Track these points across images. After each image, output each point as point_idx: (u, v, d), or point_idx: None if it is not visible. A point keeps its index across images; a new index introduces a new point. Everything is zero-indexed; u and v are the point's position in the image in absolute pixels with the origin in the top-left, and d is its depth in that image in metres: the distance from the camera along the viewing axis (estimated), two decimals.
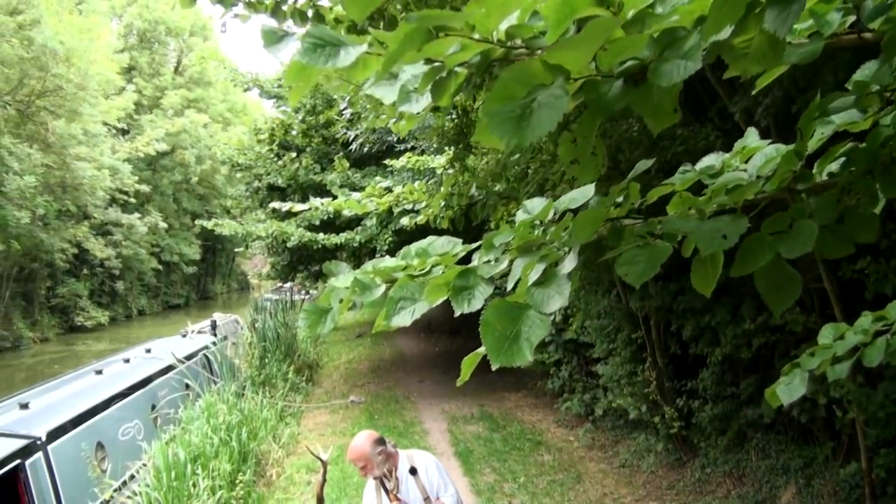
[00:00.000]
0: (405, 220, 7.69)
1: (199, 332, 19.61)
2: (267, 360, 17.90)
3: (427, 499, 5.42)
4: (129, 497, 10.45)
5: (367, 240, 16.37)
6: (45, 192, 39.14)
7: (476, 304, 1.79)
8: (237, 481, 11.05)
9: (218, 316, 21.93)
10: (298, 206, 7.26)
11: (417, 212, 7.64)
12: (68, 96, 38.78)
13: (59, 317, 46.13)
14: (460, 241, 2.10)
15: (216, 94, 68.53)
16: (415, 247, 2.18)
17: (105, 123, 43.55)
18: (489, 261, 1.94)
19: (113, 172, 44.81)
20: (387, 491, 5.37)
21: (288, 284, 34.33)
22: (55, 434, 10.42)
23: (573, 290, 1.68)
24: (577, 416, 13.81)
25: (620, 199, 1.86)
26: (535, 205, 2.05)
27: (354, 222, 17.03)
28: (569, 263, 1.70)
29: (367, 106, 6.64)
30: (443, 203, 7.00)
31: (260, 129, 21.63)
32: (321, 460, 6.22)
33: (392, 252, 17.07)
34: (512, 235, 1.97)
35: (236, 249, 45.80)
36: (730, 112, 6.84)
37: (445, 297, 1.86)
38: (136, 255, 52.77)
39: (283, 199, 19.80)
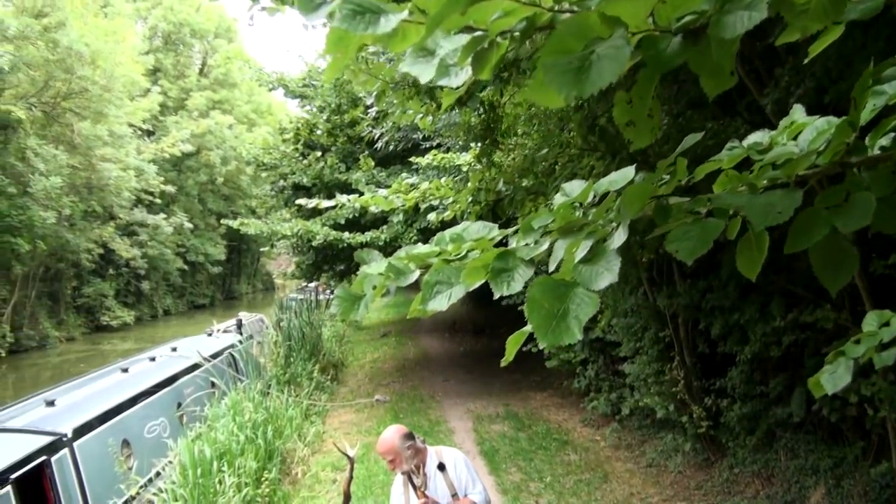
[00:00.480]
0: (432, 217, 7.65)
1: (225, 331, 19.68)
2: (292, 359, 17.93)
3: (455, 495, 5.38)
4: (154, 494, 10.48)
5: (392, 238, 16.34)
6: (70, 192, 39.38)
7: (516, 287, 1.73)
8: (263, 479, 11.08)
9: (243, 315, 22.02)
10: (325, 203, 7.24)
11: (444, 208, 7.61)
12: (94, 98, 39.02)
13: (85, 316, 46.42)
14: (496, 225, 2.06)
15: (241, 96, 68.85)
16: (449, 232, 2.14)
17: (130, 125, 43.78)
18: (528, 244, 1.88)
19: (138, 173, 45.09)
20: (414, 487, 5.33)
21: (312, 284, 34.37)
22: (81, 431, 10.47)
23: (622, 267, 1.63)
24: (604, 415, 13.74)
25: (666, 178, 1.81)
26: (574, 187, 2.00)
27: (380, 221, 17.02)
28: (618, 238, 1.65)
29: (394, 101, 6.61)
30: (470, 199, 6.96)
31: (285, 128, 21.68)
32: (348, 457, 6.20)
33: None
34: (551, 218, 1.92)
35: (261, 249, 45.96)
36: (759, 105, 6.76)
37: (483, 280, 1.80)
38: (161, 256, 53.08)
39: (309, 198, 19.86)
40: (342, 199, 7.65)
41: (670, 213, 1.69)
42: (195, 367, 14.99)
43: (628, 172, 1.91)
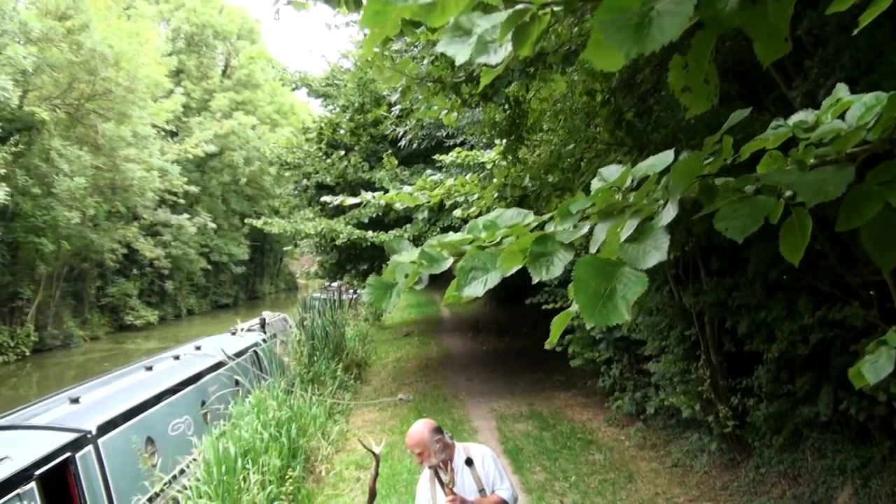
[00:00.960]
0: (457, 213, 7.61)
1: (249, 329, 19.75)
2: (316, 358, 17.95)
3: (482, 491, 5.36)
4: (179, 491, 10.51)
5: (416, 236, 16.31)
6: (94, 193, 39.63)
7: (555, 271, 1.70)
8: (287, 477, 11.08)
9: (267, 314, 22.09)
10: (350, 200, 7.23)
11: (470, 204, 7.58)
12: (117, 99, 39.23)
13: (109, 316, 46.74)
14: (530, 211, 2.03)
15: (264, 97, 69.08)
16: (482, 220, 2.11)
17: (154, 125, 43.97)
18: (567, 228, 1.84)
19: (162, 174, 45.32)
20: (442, 483, 5.31)
21: (335, 284, 34.42)
22: (105, 428, 10.56)
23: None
24: (628, 415, 13.68)
25: (711, 159, 1.76)
26: (612, 172, 1.96)
27: (403, 220, 17.01)
28: (667, 215, 1.61)
29: (419, 97, 6.59)
30: (495, 194, 6.93)
31: (308, 128, 21.69)
32: (373, 454, 6.18)
33: None
34: (589, 202, 1.88)
35: (284, 248, 46.08)
36: (787, 100, 6.69)
37: (521, 265, 1.77)
38: (185, 256, 53.39)
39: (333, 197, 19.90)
40: (367, 196, 7.65)
41: (717, 193, 1.65)
42: (219, 365, 15.06)
43: (667, 156, 1.87)
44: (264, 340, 17.69)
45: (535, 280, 1.74)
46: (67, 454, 9.55)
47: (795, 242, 1.69)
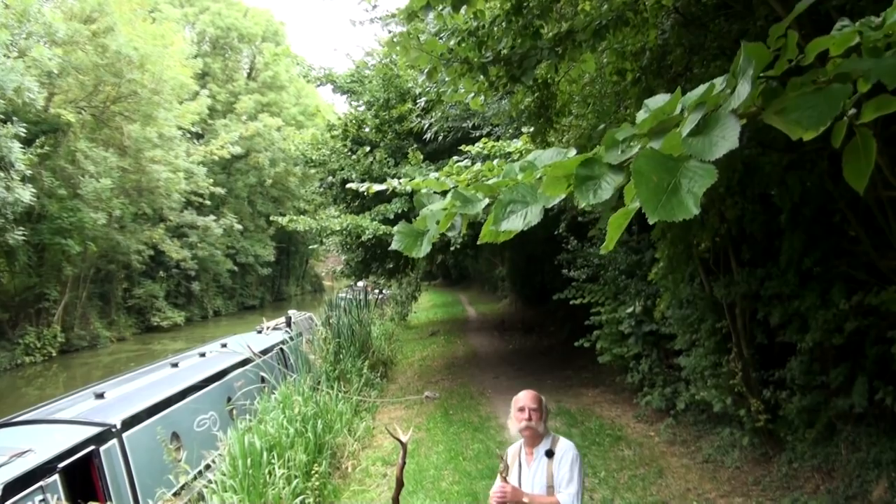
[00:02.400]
0: None
1: (275, 328, 19.75)
2: (342, 356, 17.93)
3: (551, 487, 5.29)
4: (204, 486, 10.48)
5: (441, 235, 16.19)
6: (120, 195, 39.84)
7: (603, 195, 1.58)
8: (312, 472, 11.01)
9: (293, 313, 22.07)
10: (376, 187, 7.12)
11: None
12: (143, 101, 39.41)
13: (136, 317, 47.05)
14: (572, 148, 1.91)
15: (289, 98, 69.19)
16: (518, 164, 2.00)
17: (180, 127, 44.11)
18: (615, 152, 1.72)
19: (188, 175, 45.50)
20: (506, 467, 5.41)
21: (361, 284, 34.44)
22: (130, 422, 10.63)
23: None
24: (658, 410, 13.52)
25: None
26: (658, 100, 1.83)
27: None
28: (738, 97, 1.47)
29: (446, 79, 6.49)
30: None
31: (333, 125, 21.64)
32: (400, 442, 6.10)
33: (466, 245, 16.96)
34: (635, 130, 1.75)
35: (311, 247, 46.13)
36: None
37: (565, 194, 1.65)
38: (211, 257, 53.64)
39: (357, 194, 19.87)
40: (393, 182, 7.55)
41: (778, 94, 1.53)
42: (245, 362, 15.07)
43: (716, 80, 1.74)
44: (290, 338, 17.65)
45: (581, 205, 1.62)
46: (91, 447, 9.61)
47: (860, 167, 1.58)
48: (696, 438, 12.23)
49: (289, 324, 20.40)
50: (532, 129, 6.69)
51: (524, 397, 5.57)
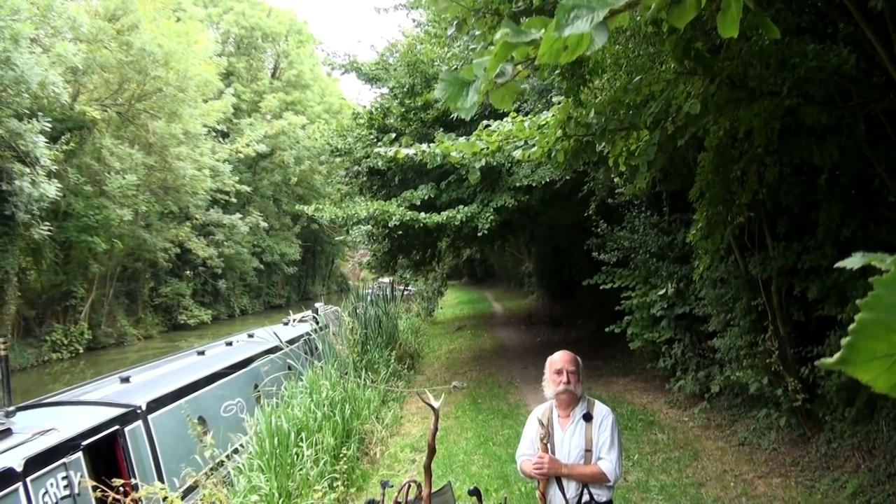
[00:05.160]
0: (517, 153, 7.32)
1: (301, 320, 19.66)
2: (369, 347, 17.85)
3: (589, 451, 5.10)
4: (232, 469, 10.39)
5: (468, 218, 16.02)
6: (146, 192, 39.93)
7: None
8: (341, 455, 10.91)
9: (320, 305, 21.94)
10: (404, 150, 6.97)
11: (530, 145, 7.29)
12: (167, 98, 39.48)
13: (163, 315, 47.23)
14: None
15: (313, 96, 69.20)
16: None
17: (205, 125, 44.15)
18: None
19: (214, 173, 45.53)
20: (548, 434, 5.21)
21: (387, 279, 34.34)
22: (155, 405, 10.64)
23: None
24: (691, 395, 13.33)
25: None
26: None
27: (455, 202, 16.78)
28: None
29: (476, 32, 6.33)
30: (559, 133, 6.61)
31: (358, 113, 21.50)
32: (433, 408, 5.92)
33: (492, 233, 16.76)
34: None
35: (337, 238, 46.18)
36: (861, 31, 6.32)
37: None
38: (237, 255, 53.73)
39: (383, 182, 19.71)
40: (422, 146, 7.40)
41: None
42: (273, 350, 15.01)
43: None
44: (317, 330, 17.53)
45: None
46: (115, 427, 9.60)
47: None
48: (731, 422, 12.05)
49: (315, 315, 20.30)
50: (565, 85, 6.47)
51: (560, 359, 5.35)
